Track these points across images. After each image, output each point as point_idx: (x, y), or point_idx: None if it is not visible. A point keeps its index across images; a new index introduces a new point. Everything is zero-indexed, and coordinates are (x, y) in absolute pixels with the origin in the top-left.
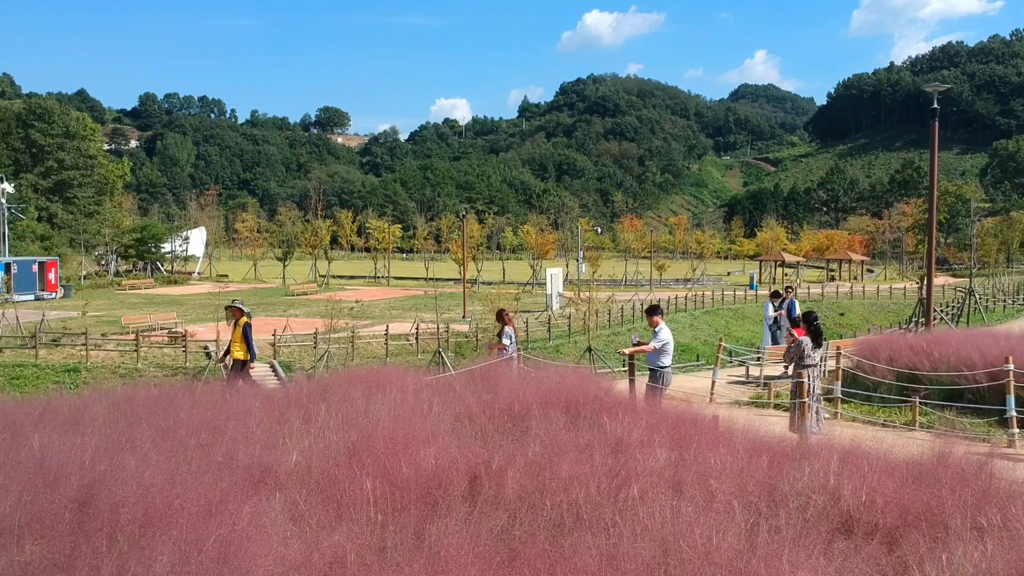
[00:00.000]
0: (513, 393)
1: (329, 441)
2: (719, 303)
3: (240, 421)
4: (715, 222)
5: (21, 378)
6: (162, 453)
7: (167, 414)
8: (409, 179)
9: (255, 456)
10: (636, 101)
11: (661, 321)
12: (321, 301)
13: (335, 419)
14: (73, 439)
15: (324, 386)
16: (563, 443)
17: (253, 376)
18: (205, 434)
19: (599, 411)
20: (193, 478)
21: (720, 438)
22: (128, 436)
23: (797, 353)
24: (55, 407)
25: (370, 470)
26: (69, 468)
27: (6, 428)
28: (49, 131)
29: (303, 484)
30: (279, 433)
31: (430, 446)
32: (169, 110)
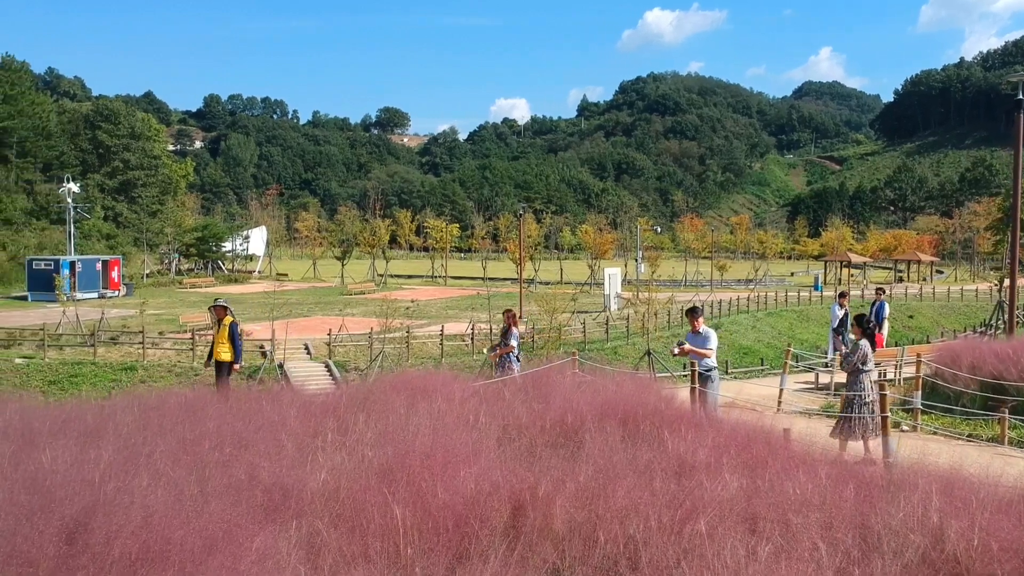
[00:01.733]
0: (566, 403)
1: (362, 457)
2: (782, 304)
3: (271, 433)
4: (778, 221)
5: (79, 376)
6: (181, 469)
7: (195, 423)
8: (468, 179)
9: (279, 474)
10: (697, 99)
11: (703, 323)
12: (378, 300)
13: (373, 431)
14: (89, 452)
15: (366, 393)
16: (619, 464)
17: (302, 374)
18: (230, 447)
19: (659, 425)
20: (205, 502)
21: (797, 460)
22: (149, 449)
23: (860, 359)
24: (81, 414)
25: (403, 494)
26: (73, 488)
27: (24, 437)
28: (115, 132)
29: (328, 508)
30: (311, 447)
31: (471, 466)
32: (233, 111)
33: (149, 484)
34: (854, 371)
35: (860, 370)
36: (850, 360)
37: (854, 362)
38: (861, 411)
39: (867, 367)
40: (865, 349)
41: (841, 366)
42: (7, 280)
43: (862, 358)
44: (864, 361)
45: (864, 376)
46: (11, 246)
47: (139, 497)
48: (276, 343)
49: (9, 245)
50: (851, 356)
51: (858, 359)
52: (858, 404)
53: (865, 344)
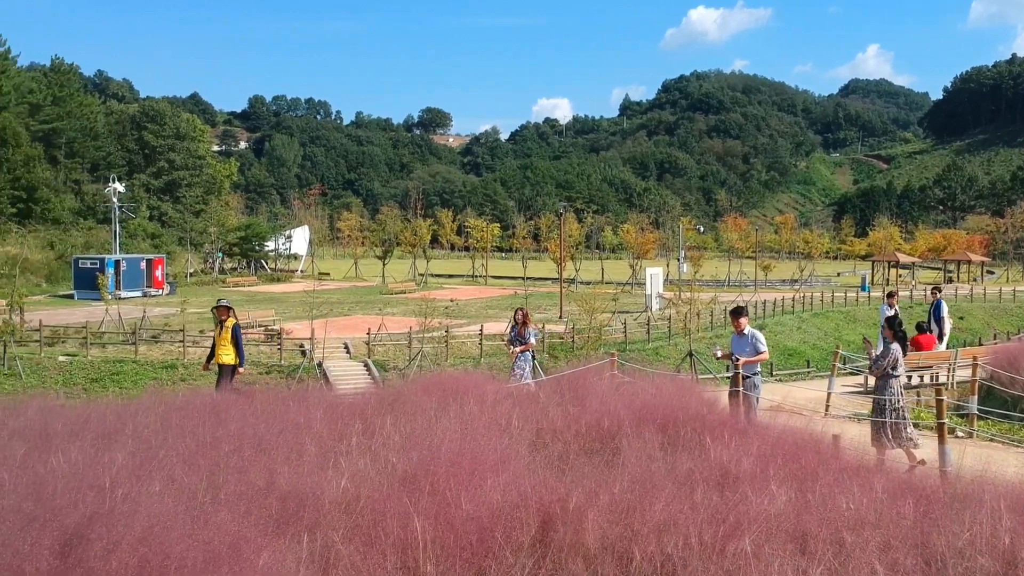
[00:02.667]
0: (603, 407)
1: (386, 463)
2: (828, 305)
3: (294, 436)
4: (824, 221)
5: (121, 374)
6: (196, 474)
7: (217, 425)
8: (509, 178)
9: (298, 481)
10: (741, 98)
11: (748, 324)
12: (418, 300)
13: (399, 435)
14: (104, 455)
15: (396, 394)
16: (657, 474)
17: (341, 374)
18: (250, 451)
19: (701, 431)
20: (215, 511)
21: (850, 471)
22: (165, 452)
23: (891, 363)
24: (101, 414)
25: (425, 504)
26: (76, 494)
27: (41, 438)
28: (161, 132)
29: (345, 519)
30: (335, 451)
31: (499, 474)
32: (277, 112)
33: (160, 490)
34: (884, 375)
35: (890, 374)
36: (879, 364)
37: (884, 366)
38: (892, 416)
39: (897, 371)
40: (896, 353)
41: (870, 370)
42: (55, 279)
43: (892, 362)
44: (895, 365)
45: (894, 380)
46: (59, 245)
47: (145, 505)
48: (315, 342)
49: (57, 244)
50: (881, 360)
51: (888, 363)
52: (889, 409)
53: (896, 348)
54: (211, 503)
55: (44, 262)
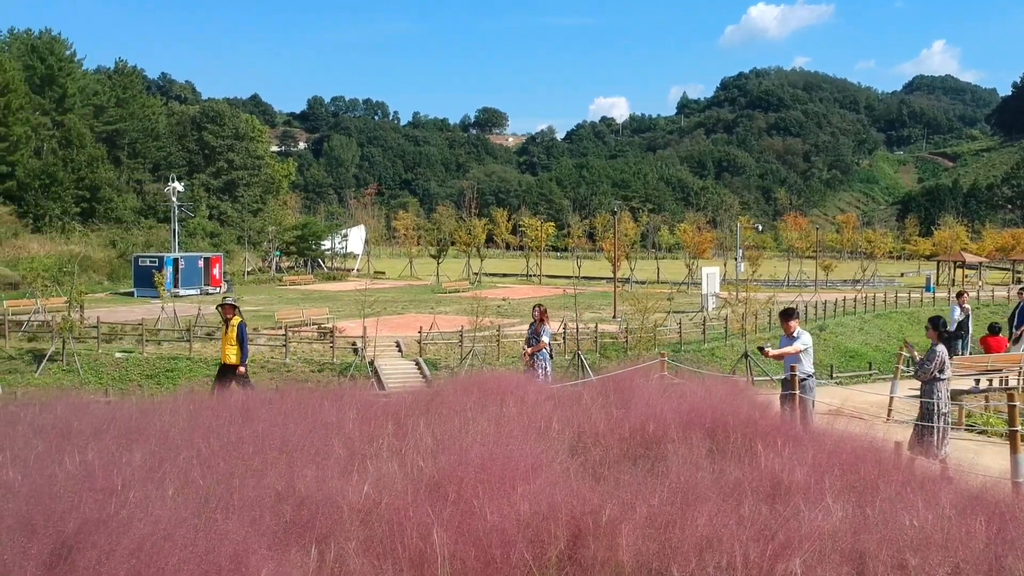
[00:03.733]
0: (649, 409)
1: (414, 467)
2: (891, 306)
3: (323, 436)
4: (887, 220)
5: (175, 371)
6: (213, 476)
7: (245, 424)
8: (565, 178)
9: (318, 485)
10: (802, 95)
11: (798, 326)
12: (470, 299)
13: (432, 437)
14: (124, 455)
15: (433, 393)
16: (702, 483)
17: (393, 372)
18: (274, 452)
19: (752, 437)
20: (225, 518)
21: (914, 483)
22: (187, 453)
23: (938, 366)
24: (130, 412)
25: (449, 513)
26: (81, 498)
27: (64, 436)
28: (220, 133)
29: (362, 528)
30: (363, 453)
31: (530, 481)
32: (335, 113)
33: (173, 494)
34: (931, 379)
35: (937, 378)
36: (926, 368)
37: (931, 370)
38: (940, 422)
39: (944, 375)
40: (943, 355)
41: (916, 375)
42: (116, 276)
43: (940, 365)
44: (942, 368)
45: (941, 384)
46: (120, 244)
47: (150, 511)
48: (367, 340)
49: (119, 243)
50: (927, 363)
51: (935, 367)
52: (938, 414)
53: (942, 350)
54: (222, 509)
55: (106, 260)
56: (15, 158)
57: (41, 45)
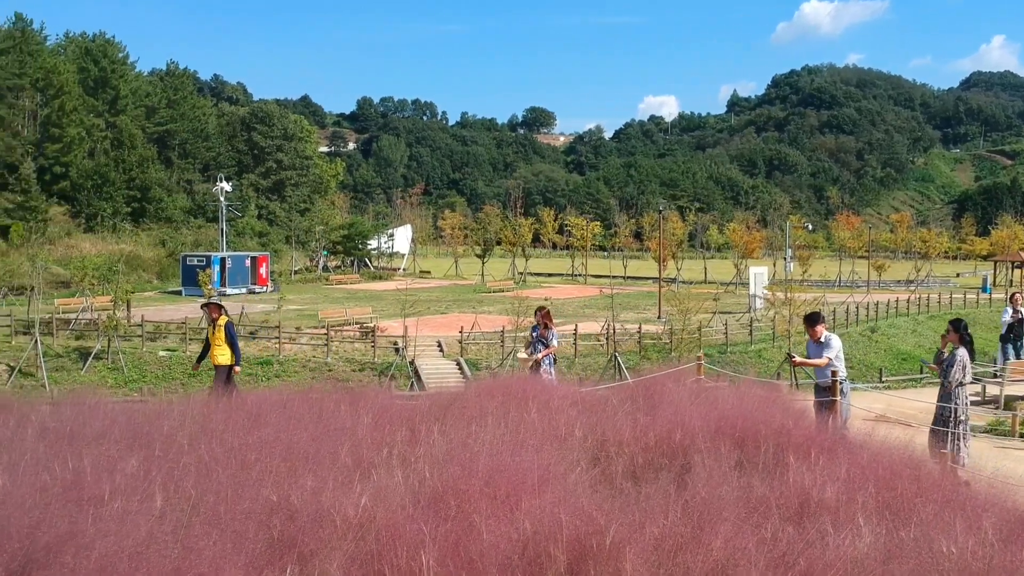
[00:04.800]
0: (677, 417)
1: (419, 477)
2: (946, 307)
3: (333, 443)
4: (942, 219)
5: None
6: (209, 485)
7: (254, 428)
8: (612, 177)
9: (314, 497)
10: (855, 92)
11: (825, 330)
12: (513, 298)
13: (445, 443)
14: (122, 460)
15: (454, 398)
16: (724, 499)
17: (433, 372)
18: (279, 459)
19: (784, 447)
20: (206, 532)
21: (954, 503)
22: (188, 459)
23: (959, 370)
24: (138, 415)
25: (445, 530)
26: (62, 508)
27: (67, 440)
28: (269, 133)
29: (351, 545)
30: (370, 461)
31: (539, 495)
32: (384, 113)
33: (163, 505)
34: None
35: (961, 383)
36: (950, 374)
37: (957, 376)
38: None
39: (965, 379)
40: (964, 360)
41: (942, 386)
42: (165, 275)
43: (962, 369)
44: (964, 372)
45: (961, 390)
46: (170, 243)
47: (126, 524)
48: (408, 340)
49: (168, 242)
50: (950, 369)
51: (958, 371)
52: (954, 420)
53: (963, 354)
54: (206, 522)
55: (155, 259)
56: (69, 159)
57: (95, 48)
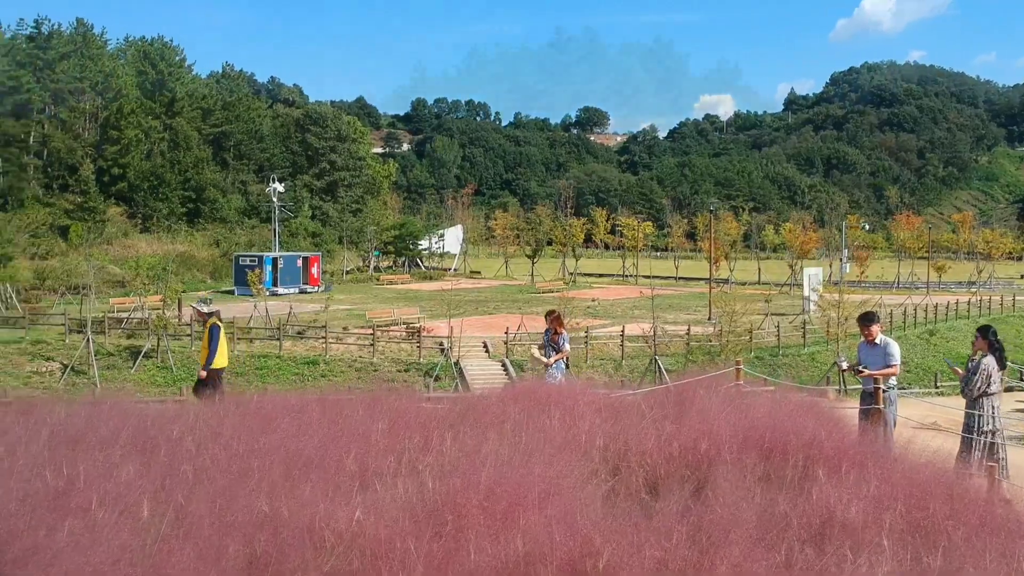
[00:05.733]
0: (704, 425)
1: (420, 488)
2: (1009, 309)
3: (339, 450)
4: (1007, 219)
5: (265, 369)
6: (200, 494)
7: (264, 433)
8: (666, 176)
9: (307, 510)
10: (916, 89)
11: (880, 332)
12: (564, 299)
13: (456, 451)
14: (121, 467)
15: (475, 403)
16: (741, 517)
17: (478, 372)
18: (280, 467)
19: (814, 460)
20: (181, 547)
21: (989, 526)
22: (188, 466)
23: (983, 379)
24: (143, 417)
25: (433, 549)
26: (38, 519)
27: (70, 444)
28: (323, 135)
29: (335, 563)
30: (376, 469)
31: (540, 511)
32: (438, 114)
33: (149, 519)
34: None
35: (986, 393)
36: (972, 382)
37: (980, 387)
38: (987, 438)
39: (992, 389)
40: (989, 368)
41: (962, 392)
42: (219, 275)
43: (985, 379)
44: (988, 382)
45: (986, 400)
46: (224, 243)
47: (98, 537)
48: (454, 340)
49: (222, 242)
50: (973, 376)
51: (979, 381)
52: (977, 430)
53: (989, 362)
54: (185, 536)
55: (210, 259)
56: (127, 160)
57: (153, 51)
